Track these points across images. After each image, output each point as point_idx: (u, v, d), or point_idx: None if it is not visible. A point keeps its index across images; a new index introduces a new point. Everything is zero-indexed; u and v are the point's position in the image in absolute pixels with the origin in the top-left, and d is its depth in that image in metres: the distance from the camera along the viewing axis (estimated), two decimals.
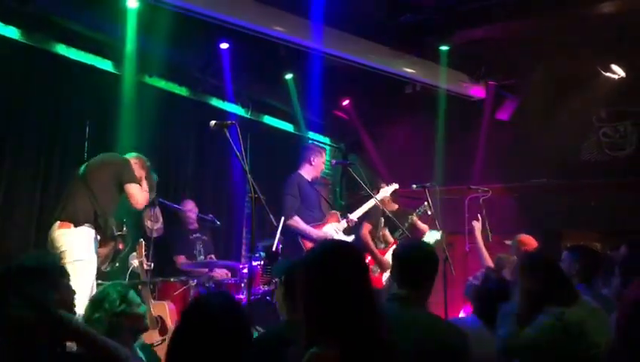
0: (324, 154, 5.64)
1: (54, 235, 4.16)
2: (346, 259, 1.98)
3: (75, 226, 4.16)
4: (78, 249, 4.09)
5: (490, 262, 4.98)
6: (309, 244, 5.04)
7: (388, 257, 5.68)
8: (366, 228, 5.89)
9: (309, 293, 1.93)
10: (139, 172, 4.54)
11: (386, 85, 7.51)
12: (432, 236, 5.83)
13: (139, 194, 4.39)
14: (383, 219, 6.06)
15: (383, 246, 6.00)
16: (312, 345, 1.83)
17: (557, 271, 2.90)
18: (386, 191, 5.80)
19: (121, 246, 4.70)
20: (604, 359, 2.41)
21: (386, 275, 5.71)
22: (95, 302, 2.88)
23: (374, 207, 5.89)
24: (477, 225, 5.48)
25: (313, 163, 5.44)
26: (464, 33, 6.70)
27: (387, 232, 6.11)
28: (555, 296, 2.75)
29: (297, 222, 5.16)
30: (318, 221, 5.36)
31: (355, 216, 5.53)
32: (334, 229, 5.35)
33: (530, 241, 4.94)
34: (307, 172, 5.45)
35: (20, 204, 5.07)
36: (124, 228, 4.72)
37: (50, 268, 2.41)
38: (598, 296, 3.09)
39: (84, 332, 2.23)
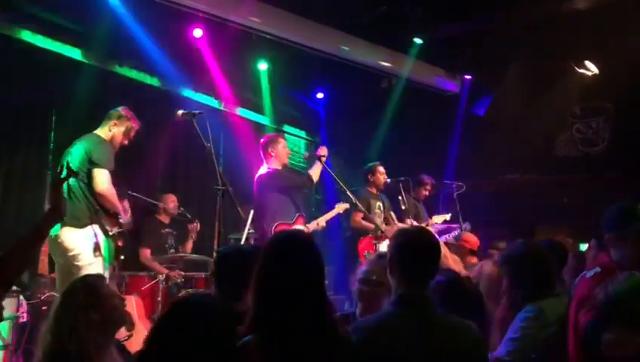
0: (280, 138, 5.34)
1: (62, 237, 3.82)
2: (279, 252, 1.96)
3: (81, 228, 3.84)
4: (88, 251, 3.82)
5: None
6: None
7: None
8: (356, 215, 5.80)
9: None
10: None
11: (362, 79, 7.44)
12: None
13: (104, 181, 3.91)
14: (379, 203, 5.99)
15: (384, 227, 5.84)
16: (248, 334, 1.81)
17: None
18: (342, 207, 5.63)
19: (120, 244, 4.42)
20: None
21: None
22: None
23: (359, 196, 5.70)
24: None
25: (273, 153, 5.17)
26: (441, 28, 6.68)
27: (392, 214, 6.03)
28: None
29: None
30: (293, 214, 5.20)
31: (322, 221, 5.42)
32: None
33: (472, 240, 4.96)
34: (274, 165, 5.21)
35: None
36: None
37: None
38: (566, 291, 3.06)
39: None
